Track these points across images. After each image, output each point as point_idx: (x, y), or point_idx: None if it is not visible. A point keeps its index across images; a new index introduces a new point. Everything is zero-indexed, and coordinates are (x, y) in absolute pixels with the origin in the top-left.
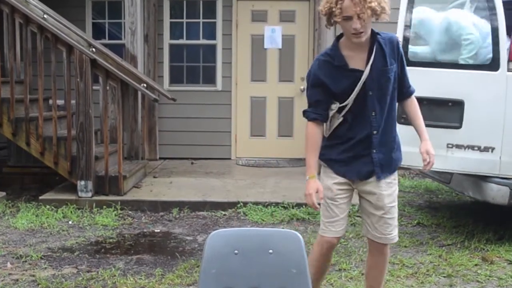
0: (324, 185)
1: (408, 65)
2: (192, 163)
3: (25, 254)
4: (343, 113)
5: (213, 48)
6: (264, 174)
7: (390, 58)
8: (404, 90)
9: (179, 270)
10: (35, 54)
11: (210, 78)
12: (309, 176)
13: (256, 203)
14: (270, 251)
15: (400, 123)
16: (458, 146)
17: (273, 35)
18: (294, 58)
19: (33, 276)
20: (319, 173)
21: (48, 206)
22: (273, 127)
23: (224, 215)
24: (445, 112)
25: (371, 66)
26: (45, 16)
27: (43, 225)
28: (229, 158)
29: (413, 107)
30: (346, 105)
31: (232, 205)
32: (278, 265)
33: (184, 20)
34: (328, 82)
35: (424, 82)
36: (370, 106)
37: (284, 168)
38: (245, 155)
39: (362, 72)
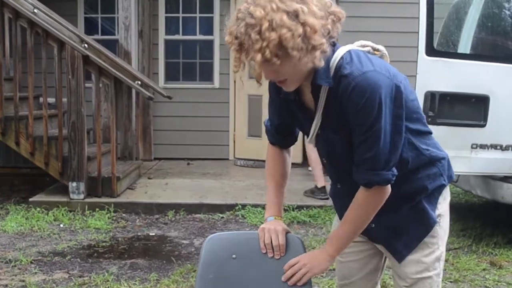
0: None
1: (430, 55)
2: (188, 163)
3: (15, 259)
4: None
5: (210, 43)
6: (263, 175)
7: (343, 119)
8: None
9: (175, 275)
10: (25, 50)
11: (207, 75)
12: (267, 217)
13: (255, 205)
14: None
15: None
16: (482, 146)
17: None
18: None
19: (23, 281)
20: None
21: (38, 209)
22: None
23: (222, 217)
24: (469, 109)
25: (321, 120)
26: (35, 10)
27: (33, 228)
28: (227, 159)
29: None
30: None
31: (230, 207)
32: (278, 270)
33: (180, 15)
34: (279, 105)
35: (446, 75)
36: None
37: None
38: (243, 156)
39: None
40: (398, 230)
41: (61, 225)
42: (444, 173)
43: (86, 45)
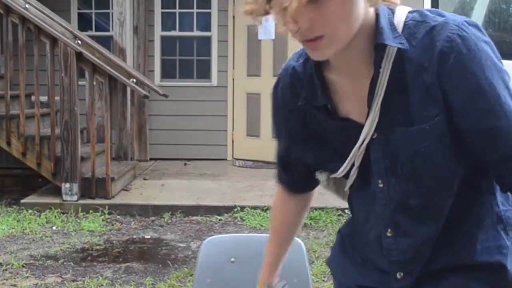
0: None
1: None
2: (185, 164)
3: (6, 262)
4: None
5: (207, 40)
6: (262, 176)
7: (428, 99)
8: (491, 165)
9: (171, 279)
10: (16, 46)
11: (204, 73)
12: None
13: (254, 207)
14: None
15: None
16: None
17: (266, 25)
18: (287, 50)
19: (14, 285)
20: None
21: (30, 211)
22: (268, 127)
23: (220, 220)
24: None
25: (380, 118)
26: (27, 5)
27: (25, 231)
28: (225, 159)
29: None
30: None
31: (228, 209)
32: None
33: (177, 10)
34: (295, 123)
35: None
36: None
37: None
38: (242, 156)
39: (360, 126)
40: None
41: (54, 228)
42: None
43: (79, 42)
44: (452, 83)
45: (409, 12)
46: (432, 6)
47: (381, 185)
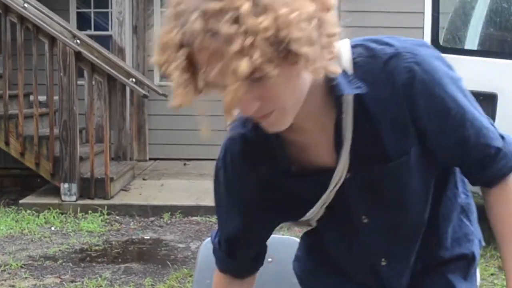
0: None
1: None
2: (185, 164)
3: (4, 263)
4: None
5: None
6: None
7: (399, 133)
8: (462, 166)
9: (171, 280)
10: (14, 46)
11: None
12: None
13: None
14: (269, 259)
15: None
16: None
17: None
18: None
19: (13, 286)
20: None
21: (29, 211)
22: None
23: None
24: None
25: (352, 159)
26: (25, 5)
27: (24, 231)
28: None
29: (500, 204)
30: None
31: None
32: (277, 274)
33: None
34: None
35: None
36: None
37: None
38: None
39: (330, 170)
40: None
41: (53, 228)
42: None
43: (78, 41)
44: (421, 110)
45: (352, 47)
46: (433, 6)
47: (365, 221)
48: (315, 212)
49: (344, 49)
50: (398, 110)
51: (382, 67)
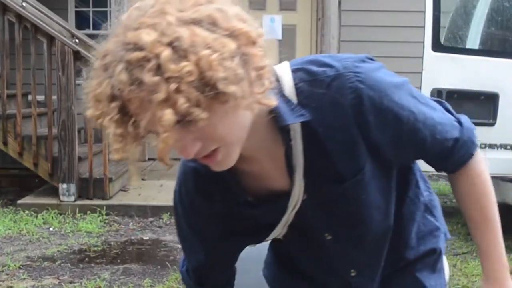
0: None
1: (437, 51)
2: None
3: (2, 264)
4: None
5: None
6: None
7: (350, 153)
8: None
9: (170, 280)
10: (13, 45)
11: None
12: None
13: None
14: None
15: None
16: (491, 146)
17: (272, 25)
18: (295, 51)
19: (11, 287)
20: None
21: (27, 211)
22: None
23: None
24: (477, 107)
25: (306, 182)
26: (23, 4)
27: (22, 232)
28: None
29: (466, 188)
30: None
31: None
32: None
33: None
34: (211, 226)
35: (454, 71)
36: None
37: None
38: None
39: (286, 194)
40: None
41: (51, 229)
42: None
43: (77, 40)
44: (374, 126)
45: (293, 72)
46: (434, 5)
47: (329, 237)
48: (278, 232)
49: (285, 76)
50: (346, 130)
51: (326, 91)
